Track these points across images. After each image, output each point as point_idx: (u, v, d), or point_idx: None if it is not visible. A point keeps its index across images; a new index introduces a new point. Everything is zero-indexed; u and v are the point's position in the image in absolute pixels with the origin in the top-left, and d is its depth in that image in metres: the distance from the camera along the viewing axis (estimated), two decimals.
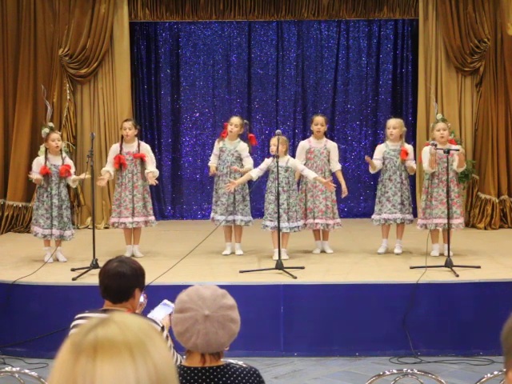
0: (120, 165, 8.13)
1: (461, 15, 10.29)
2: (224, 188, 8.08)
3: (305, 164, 8.17)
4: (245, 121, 8.43)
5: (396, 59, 11.48)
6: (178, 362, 3.78)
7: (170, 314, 3.83)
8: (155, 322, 3.74)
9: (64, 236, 7.83)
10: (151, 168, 8.15)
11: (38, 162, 7.88)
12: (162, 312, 3.87)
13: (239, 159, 8.20)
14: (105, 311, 3.62)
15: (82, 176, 7.88)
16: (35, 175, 7.79)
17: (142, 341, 1.33)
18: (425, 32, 10.53)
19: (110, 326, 1.35)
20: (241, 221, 8.14)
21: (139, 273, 3.72)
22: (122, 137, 8.24)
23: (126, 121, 8.37)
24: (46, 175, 7.81)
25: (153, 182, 8.09)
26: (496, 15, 10.31)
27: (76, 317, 3.73)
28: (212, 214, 8.29)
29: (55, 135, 7.90)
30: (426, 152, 7.91)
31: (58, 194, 7.83)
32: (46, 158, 7.86)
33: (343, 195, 8.23)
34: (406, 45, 11.45)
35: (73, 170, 7.99)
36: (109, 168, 8.19)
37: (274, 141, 7.76)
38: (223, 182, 8.18)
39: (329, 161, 8.26)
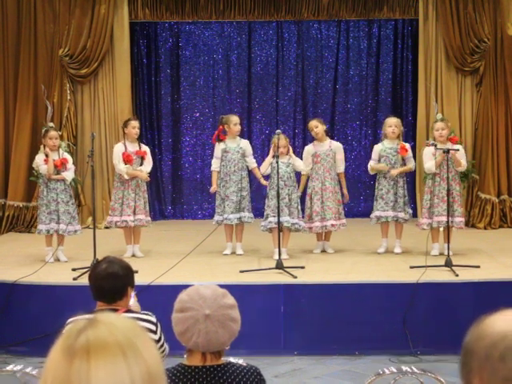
0: (125, 163, 8.12)
1: (461, 15, 10.30)
2: (234, 186, 8.11)
3: (312, 168, 8.25)
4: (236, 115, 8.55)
5: (396, 59, 11.49)
6: (167, 352, 3.79)
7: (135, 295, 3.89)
8: (151, 317, 3.75)
9: (63, 229, 7.80)
10: (146, 167, 8.18)
11: (41, 157, 7.91)
12: (131, 299, 3.86)
13: (244, 156, 8.24)
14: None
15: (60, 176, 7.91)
16: (44, 167, 7.80)
17: (131, 340, 1.36)
18: (425, 32, 10.54)
19: (99, 327, 1.36)
20: (248, 217, 8.18)
21: (129, 271, 3.75)
22: (124, 136, 8.21)
23: (133, 120, 8.31)
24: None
25: (143, 177, 8.11)
26: (496, 15, 10.32)
27: (68, 321, 3.68)
28: (217, 217, 8.23)
29: (53, 133, 7.95)
30: (427, 153, 7.92)
31: (56, 188, 7.87)
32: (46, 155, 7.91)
33: (345, 200, 8.39)
34: (406, 45, 11.46)
35: (70, 164, 8.00)
36: (123, 166, 8.08)
37: (282, 142, 7.82)
38: (232, 180, 8.18)
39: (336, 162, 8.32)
